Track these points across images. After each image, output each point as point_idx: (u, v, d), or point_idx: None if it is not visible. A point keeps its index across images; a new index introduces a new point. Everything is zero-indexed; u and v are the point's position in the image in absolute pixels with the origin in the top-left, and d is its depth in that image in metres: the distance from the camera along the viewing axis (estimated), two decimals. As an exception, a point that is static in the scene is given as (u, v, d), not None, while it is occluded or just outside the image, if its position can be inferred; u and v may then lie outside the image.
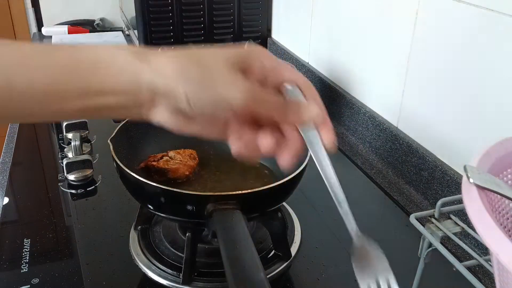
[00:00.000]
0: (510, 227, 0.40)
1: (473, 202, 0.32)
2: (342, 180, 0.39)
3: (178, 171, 0.68)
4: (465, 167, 0.35)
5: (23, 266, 0.62)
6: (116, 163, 0.58)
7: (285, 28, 1.40)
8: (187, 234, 0.58)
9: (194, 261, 0.59)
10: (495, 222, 0.30)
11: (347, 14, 1.03)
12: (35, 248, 0.66)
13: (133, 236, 0.68)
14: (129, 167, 0.57)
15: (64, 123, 0.93)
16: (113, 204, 0.76)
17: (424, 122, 0.82)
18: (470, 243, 0.67)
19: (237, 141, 0.38)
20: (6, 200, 0.77)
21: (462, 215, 0.52)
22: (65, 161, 0.81)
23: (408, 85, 0.85)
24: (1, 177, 0.84)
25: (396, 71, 0.88)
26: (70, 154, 0.86)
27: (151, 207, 0.60)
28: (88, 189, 0.80)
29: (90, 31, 1.76)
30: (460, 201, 0.44)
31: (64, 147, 0.91)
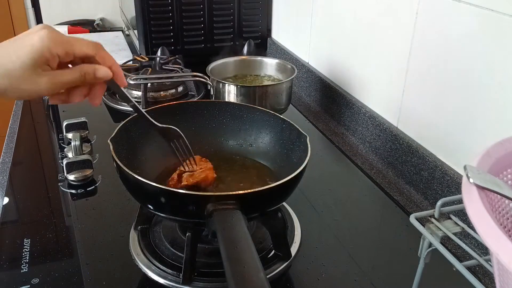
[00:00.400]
0: (510, 227, 0.40)
1: (473, 202, 0.32)
2: (342, 180, 0.39)
3: (208, 178, 0.67)
4: (465, 167, 0.35)
5: (23, 266, 0.62)
6: (116, 163, 0.58)
7: (285, 28, 1.40)
8: (187, 234, 0.58)
9: (194, 261, 0.59)
10: (495, 222, 0.30)
11: (347, 14, 1.03)
12: (35, 248, 0.66)
13: (133, 236, 0.68)
14: (129, 167, 0.57)
15: (64, 123, 0.93)
16: (113, 204, 0.76)
17: (424, 122, 0.82)
18: (470, 243, 0.67)
19: (61, 96, 0.54)
20: (6, 200, 0.77)
21: (462, 215, 0.52)
22: (65, 161, 0.81)
23: (408, 85, 0.85)
24: (1, 177, 0.84)
25: (396, 71, 0.88)
26: (70, 154, 0.86)
27: (151, 207, 0.60)
28: (88, 189, 0.80)
29: (90, 31, 1.76)
30: (460, 201, 0.44)
31: (64, 147, 0.91)
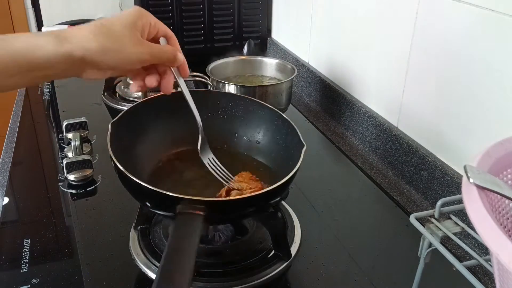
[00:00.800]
0: (510, 227, 0.40)
1: (473, 202, 0.32)
2: (342, 180, 0.39)
3: None
4: (465, 167, 0.35)
5: (23, 266, 0.62)
6: (112, 160, 0.58)
7: (285, 28, 1.40)
8: (187, 234, 0.58)
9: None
10: (495, 222, 0.30)
11: (347, 14, 1.03)
12: (35, 248, 0.66)
13: (133, 236, 0.68)
14: (126, 162, 0.57)
15: (64, 123, 0.93)
16: (113, 204, 0.76)
17: (424, 122, 0.82)
18: (470, 243, 0.67)
19: (140, 82, 0.59)
20: (6, 200, 0.77)
21: (462, 215, 0.52)
22: (65, 161, 0.81)
23: (408, 85, 0.85)
24: (1, 177, 0.84)
25: (396, 71, 0.88)
26: (70, 154, 0.86)
27: (149, 205, 0.60)
28: (88, 189, 0.80)
29: (90, 31, 1.75)
30: (460, 201, 0.44)
31: (64, 147, 0.91)
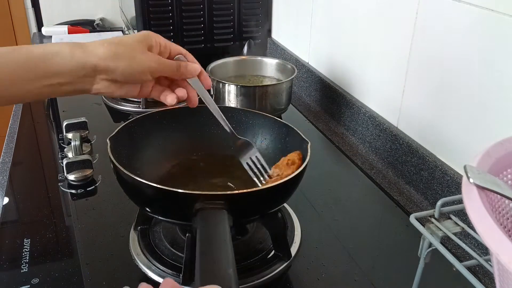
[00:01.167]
0: (510, 227, 0.40)
1: (473, 202, 0.32)
2: (342, 180, 0.39)
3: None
4: (465, 167, 0.35)
5: (23, 266, 0.62)
6: (112, 162, 0.58)
7: (285, 28, 1.40)
8: (187, 234, 0.58)
9: (194, 261, 0.59)
10: (495, 222, 0.30)
11: (347, 14, 1.03)
12: (35, 248, 0.66)
13: (133, 236, 0.68)
14: (129, 168, 0.57)
15: (64, 123, 0.93)
16: (113, 204, 0.76)
17: (424, 122, 0.82)
18: (470, 243, 0.67)
19: (168, 95, 0.62)
20: (6, 200, 0.77)
21: (462, 215, 0.52)
22: (65, 161, 0.81)
23: (408, 85, 0.85)
24: (1, 177, 0.84)
25: (396, 71, 0.88)
26: (70, 154, 0.86)
27: (149, 210, 0.60)
28: (88, 189, 0.80)
29: (90, 31, 1.76)
30: (460, 201, 0.44)
31: (64, 147, 0.91)
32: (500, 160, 0.39)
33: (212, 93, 1.02)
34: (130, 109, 1.10)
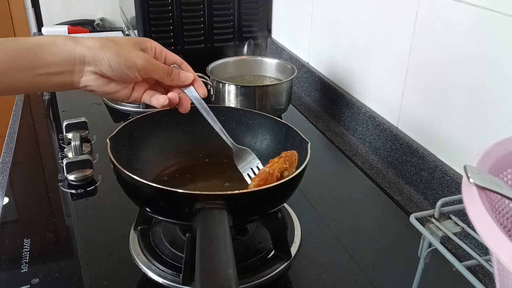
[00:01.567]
0: (510, 227, 0.40)
1: (473, 202, 0.32)
2: (342, 180, 0.39)
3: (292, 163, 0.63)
4: (465, 167, 0.35)
5: (23, 266, 0.62)
6: (112, 162, 0.58)
7: (285, 28, 1.40)
8: (187, 234, 0.57)
9: (194, 261, 0.59)
10: (495, 222, 0.30)
11: (347, 14, 1.03)
12: (35, 248, 0.66)
13: (133, 236, 0.68)
14: (129, 168, 0.57)
15: (64, 123, 0.93)
16: (113, 204, 0.76)
17: (424, 122, 0.82)
18: (470, 243, 0.67)
19: (149, 98, 0.61)
20: (6, 200, 0.77)
21: (462, 215, 0.52)
22: (65, 161, 0.81)
23: (408, 85, 0.85)
24: (1, 177, 0.84)
25: (396, 71, 0.88)
26: (70, 154, 0.86)
27: (149, 210, 0.60)
28: (88, 189, 0.80)
29: (90, 31, 1.76)
30: (460, 201, 0.43)
31: (64, 147, 0.91)
32: (500, 160, 0.39)
33: (212, 93, 1.02)
34: (130, 109, 1.10)
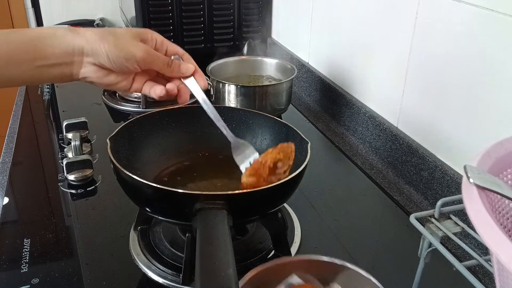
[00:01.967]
0: (510, 227, 0.40)
1: (473, 202, 0.32)
2: (342, 180, 0.39)
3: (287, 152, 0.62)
4: (465, 167, 0.35)
5: (23, 266, 0.62)
6: (112, 162, 0.58)
7: (285, 28, 1.40)
8: (187, 234, 0.58)
9: (194, 261, 0.59)
10: (495, 222, 0.30)
11: (347, 14, 1.03)
12: (35, 248, 0.66)
13: (133, 236, 0.68)
14: (129, 168, 0.57)
15: (64, 123, 0.93)
16: (113, 204, 0.76)
17: (424, 122, 0.82)
18: (470, 243, 0.67)
19: (148, 90, 0.60)
20: (6, 200, 0.77)
21: (462, 215, 0.52)
22: (65, 161, 0.81)
23: (408, 85, 0.85)
24: (1, 177, 0.84)
25: (396, 71, 0.88)
26: (70, 154, 0.86)
27: (149, 210, 0.60)
28: (88, 189, 0.80)
29: (90, 31, 1.75)
30: (460, 201, 0.44)
31: (64, 147, 0.91)
32: (500, 160, 0.39)
33: (212, 93, 1.02)
34: (130, 109, 1.10)
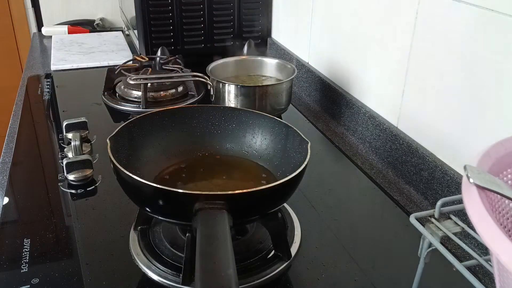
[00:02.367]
0: (510, 227, 0.40)
1: (473, 202, 0.32)
2: (342, 180, 0.39)
3: None
4: (465, 167, 0.35)
5: (23, 266, 0.62)
6: (112, 162, 0.58)
7: (285, 28, 1.40)
8: (187, 234, 0.57)
9: (194, 261, 0.59)
10: (495, 222, 0.30)
11: (347, 14, 1.03)
12: (35, 248, 0.66)
13: (133, 236, 0.68)
14: (129, 168, 0.57)
15: (64, 123, 0.93)
16: (113, 204, 0.76)
17: (424, 122, 0.82)
18: (470, 243, 0.67)
19: None
20: (6, 200, 0.77)
21: (462, 215, 0.52)
22: (65, 161, 0.81)
23: (408, 85, 0.85)
24: (1, 177, 0.84)
25: (396, 71, 0.88)
26: (70, 154, 0.86)
27: (149, 210, 0.60)
28: (88, 189, 0.80)
29: (90, 31, 1.76)
30: (460, 201, 0.44)
31: (64, 147, 0.91)
32: (500, 160, 0.39)
33: (212, 93, 1.02)
34: (130, 109, 1.10)
